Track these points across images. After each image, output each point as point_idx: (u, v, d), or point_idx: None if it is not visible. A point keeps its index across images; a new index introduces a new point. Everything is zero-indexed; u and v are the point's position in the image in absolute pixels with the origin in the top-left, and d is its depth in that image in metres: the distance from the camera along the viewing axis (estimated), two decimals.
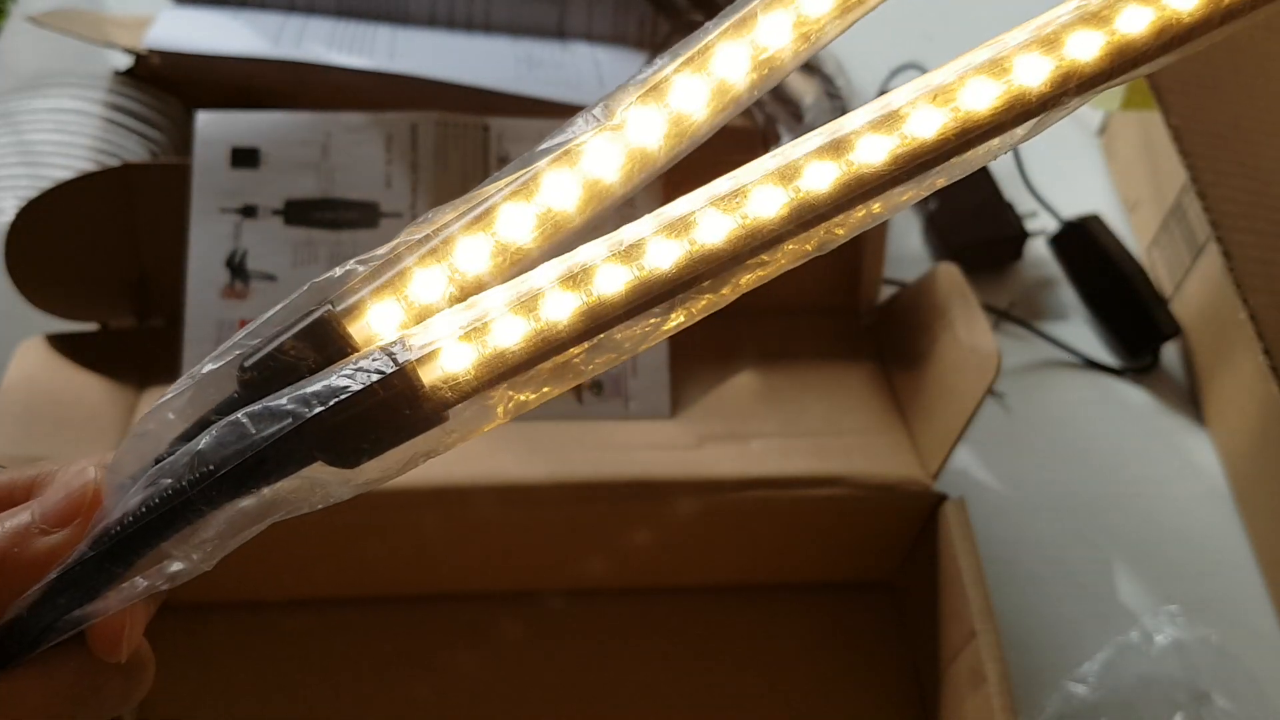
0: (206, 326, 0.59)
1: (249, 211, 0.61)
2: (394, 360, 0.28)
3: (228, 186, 0.61)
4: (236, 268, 0.60)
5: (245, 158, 0.61)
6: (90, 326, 0.63)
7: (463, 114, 0.63)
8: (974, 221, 0.78)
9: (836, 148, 0.29)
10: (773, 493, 0.58)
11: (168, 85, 0.72)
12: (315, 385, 0.28)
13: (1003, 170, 0.81)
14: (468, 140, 0.63)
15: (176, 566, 0.29)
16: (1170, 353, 0.76)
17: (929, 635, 0.59)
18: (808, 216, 0.29)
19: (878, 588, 0.64)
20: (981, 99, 0.28)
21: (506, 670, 0.61)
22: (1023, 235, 0.78)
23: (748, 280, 0.30)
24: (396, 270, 0.30)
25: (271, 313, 0.30)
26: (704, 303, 0.30)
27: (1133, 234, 0.81)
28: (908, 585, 0.63)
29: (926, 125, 0.28)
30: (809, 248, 0.29)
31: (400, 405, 0.28)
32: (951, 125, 0.28)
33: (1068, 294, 0.78)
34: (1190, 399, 0.74)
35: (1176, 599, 0.63)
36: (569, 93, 0.72)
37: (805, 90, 0.77)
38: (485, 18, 0.78)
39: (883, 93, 0.30)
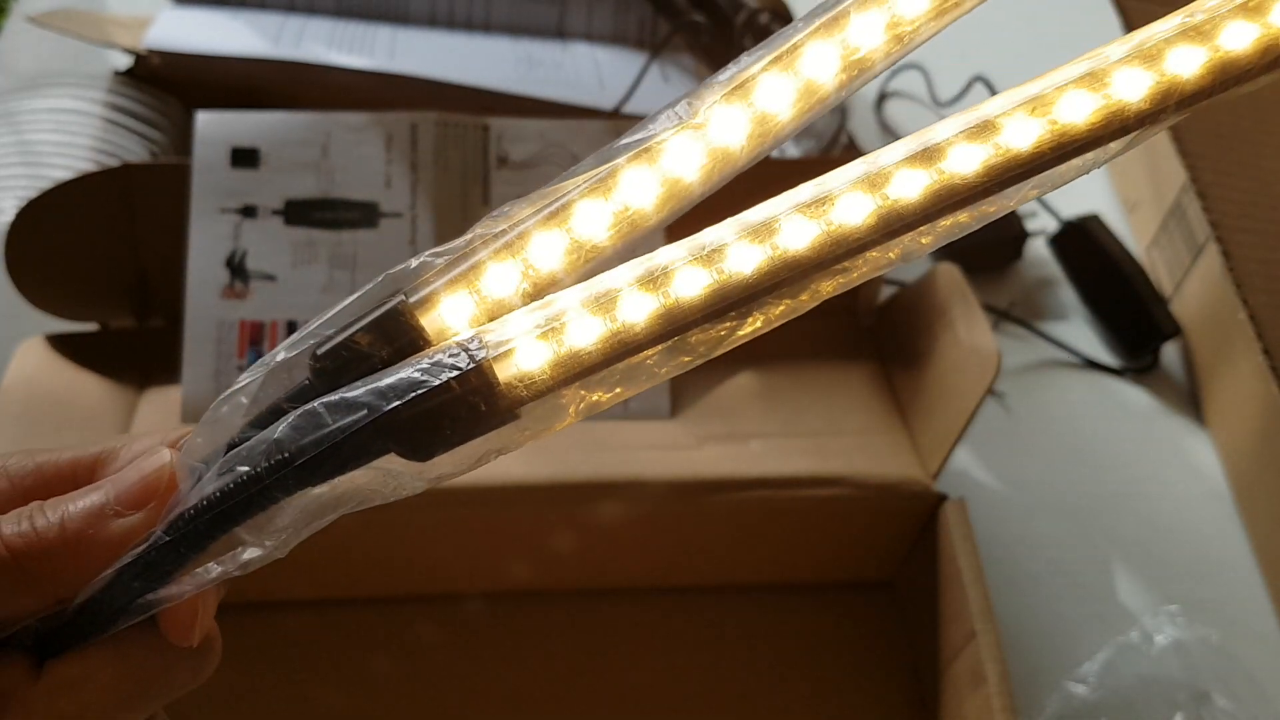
0: (206, 326, 0.59)
1: (249, 211, 0.61)
2: (471, 357, 0.28)
3: (228, 186, 0.61)
4: (236, 268, 0.60)
5: (245, 158, 0.61)
6: (90, 326, 0.63)
7: (463, 114, 0.63)
8: None
9: (928, 156, 0.28)
10: (773, 493, 0.58)
11: (168, 85, 0.72)
12: (391, 378, 0.28)
13: None
14: (468, 140, 0.63)
15: (251, 553, 0.29)
16: (1170, 353, 0.76)
17: (929, 635, 0.59)
18: (895, 225, 0.29)
19: (878, 588, 0.64)
20: (1079, 112, 0.28)
21: (505, 670, 0.61)
22: (1023, 235, 0.78)
23: (828, 287, 0.30)
24: (471, 264, 0.30)
25: (346, 302, 0.30)
26: (781, 308, 0.29)
27: (1133, 234, 0.81)
28: (908, 585, 0.63)
29: (1022, 137, 0.28)
30: (892, 255, 0.29)
31: (475, 402, 0.28)
32: (1047, 138, 0.28)
33: (1068, 294, 0.78)
34: (1190, 399, 0.74)
35: (1176, 599, 0.63)
36: (569, 93, 0.72)
37: None
38: (485, 18, 0.78)
39: (883, 95, 0.30)
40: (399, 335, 0.29)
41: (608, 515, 0.58)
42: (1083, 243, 0.77)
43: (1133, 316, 0.75)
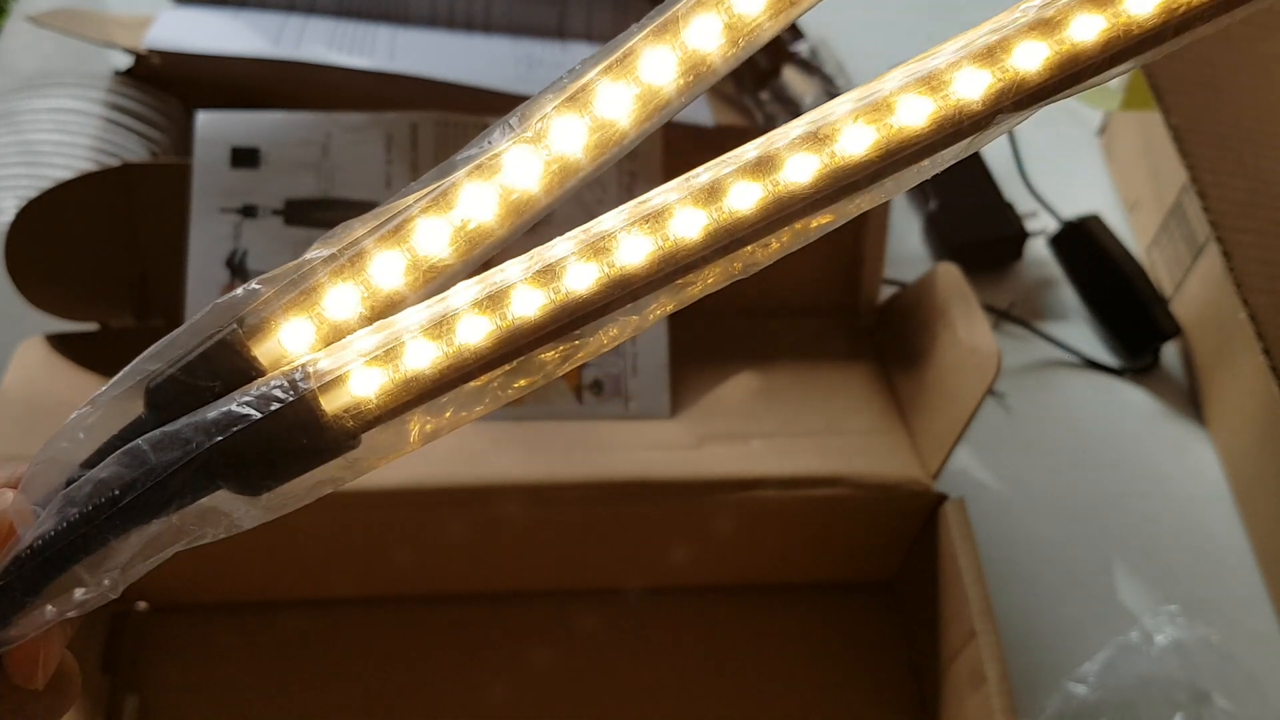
0: None
1: (249, 211, 0.61)
2: (295, 388, 0.28)
3: (228, 186, 0.61)
4: (236, 268, 0.60)
5: (245, 158, 0.61)
6: (90, 326, 0.63)
7: (463, 114, 0.63)
8: (974, 221, 0.78)
9: (764, 166, 0.28)
10: (773, 493, 0.58)
11: (168, 85, 0.72)
12: (215, 412, 0.28)
13: (1003, 170, 0.81)
14: (467, 140, 0.63)
15: (84, 594, 0.29)
16: (1170, 353, 0.76)
17: (929, 635, 0.59)
18: (727, 240, 0.28)
19: (878, 588, 0.64)
20: (918, 115, 0.27)
21: (503, 670, 0.61)
22: (1023, 235, 0.78)
23: (669, 304, 0.29)
24: (307, 286, 0.29)
25: (176, 333, 0.29)
26: (631, 323, 0.29)
27: (1133, 234, 0.81)
28: (908, 585, 0.63)
29: (857, 142, 0.27)
30: (735, 268, 0.29)
31: (300, 434, 0.28)
32: (882, 143, 0.27)
33: (1068, 294, 0.78)
34: (1190, 399, 0.74)
35: (1176, 599, 0.63)
36: None
37: (805, 90, 0.77)
38: (485, 18, 0.78)
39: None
40: (231, 367, 0.29)
41: (607, 515, 0.58)
42: (1083, 243, 0.77)
43: (1133, 316, 0.75)
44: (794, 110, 0.74)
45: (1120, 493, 0.69)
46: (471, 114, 0.63)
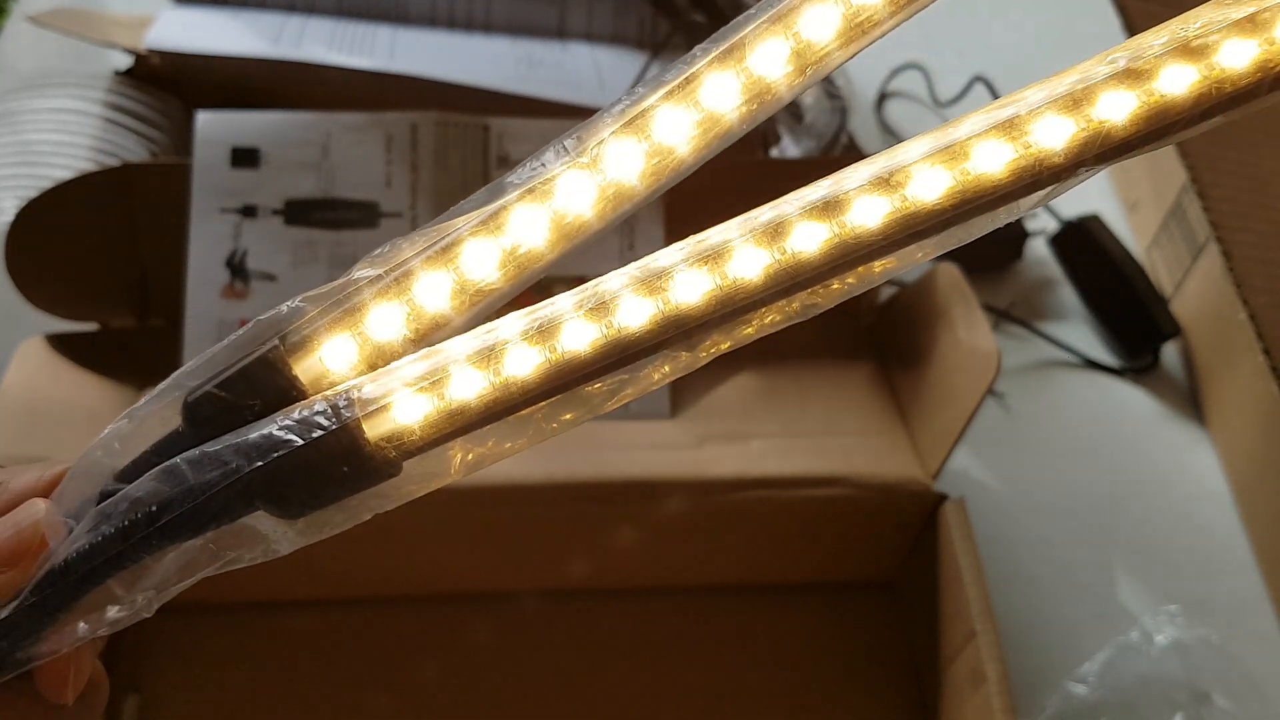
0: (206, 326, 0.59)
1: (249, 211, 0.61)
2: (339, 416, 0.27)
3: (228, 186, 0.61)
4: (236, 268, 0.60)
5: (245, 158, 0.61)
6: (90, 326, 0.63)
7: (463, 114, 0.63)
8: None
9: (830, 208, 0.27)
10: (773, 493, 0.58)
11: (168, 85, 0.72)
12: (256, 434, 0.27)
13: None
14: (468, 140, 0.63)
15: (117, 612, 0.29)
16: (1170, 353, 0.76)
17: (929, 635, 0.59)
18: (792, 282, 0.27)
19: (878, 588, 0.64)
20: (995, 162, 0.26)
21: (503, 670, 0.61)
22: (1023, 235, 0.78)
23: (723, 343, 0.28)
24: (352, 305, 0.28)
25: (218, 347, 0.29)
26: (683, 360, 0.28)
27: (1133, 234, 0.81)
28: (908, 585, 0.63)
29: (930, 189, 0.26)
30: (793, 310, 0.28)
31: (341, 462, 0.27)
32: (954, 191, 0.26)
33: (1068, 294, 0.78)
34: (1190, 399, 0.74)
35: (1176, 599, 0.63)
36: (569, 93, 0.72)
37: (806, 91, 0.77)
38: (485, 18, 0.78)
39: (883, 95, 0.29)
40: (271, 385, 0.28)
41: (607, 515, 0.58)
42: (1083, 243, 0.77)
43: (1133, 316, 0.75)
44: (794, 110, 0.74)
45: (1120, 493, 0.69)
46: (471, 114, 0.63)
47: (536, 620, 0.62)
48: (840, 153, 0.73)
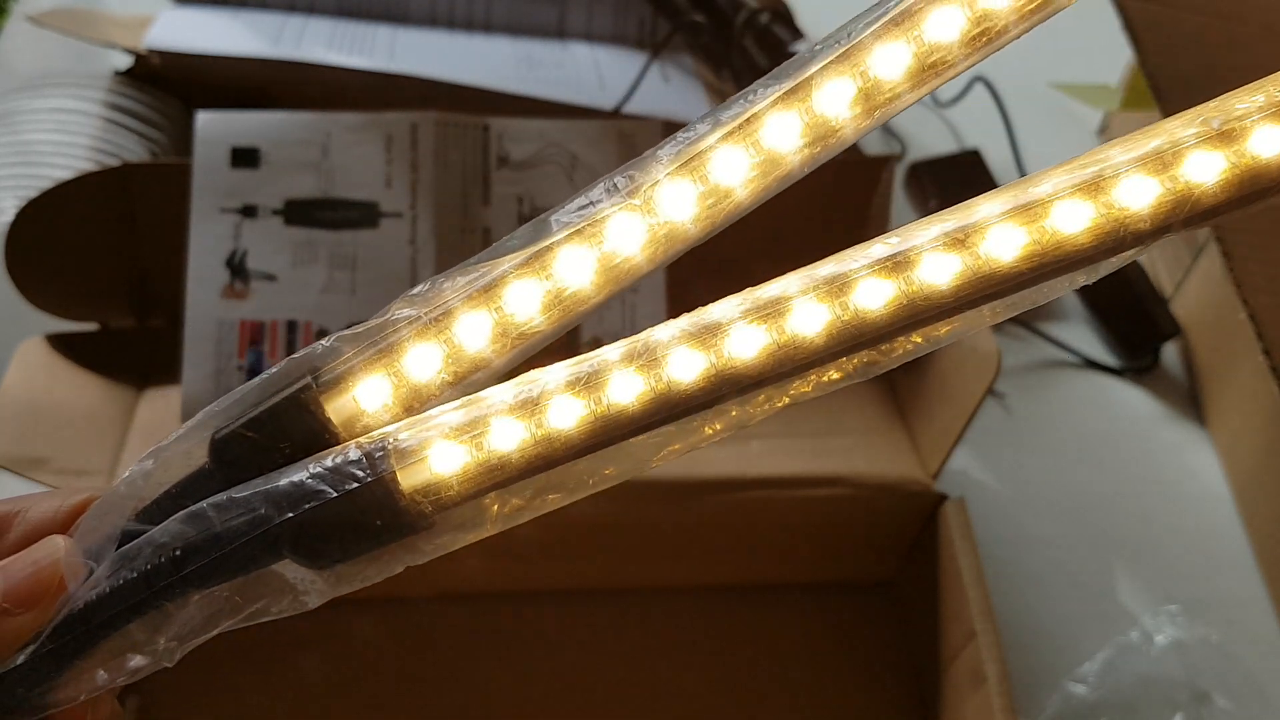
0: (206, 326, 0.59)
1: (249, 211, 0.61)
2: (373, 467, 0.26)
3: (228, 186, 0.61)
4: (236, 268, 0.60)
5: (245, 158, 0.61)
6: (90, 326, 0.63)
7: (463, 114, 0.63)
8: None
9: (896, 266, 0.25)
10: (773, 493, 0.58)
11: (168, 85, 0.72)
12: (286, 482, 0.26)
13: (1002, 169, 0.81)
14: (468, 140, 0.63)
15: (138, 661, 0.28)
16: (1170, 353, 0.76)
17: (929, 635, 0.59)
18: (854, 342, 0.26)
19: (878, 588, 0.64)
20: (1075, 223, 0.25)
21: (503, 670, 0.61)
22: None
23: (779, 400, 0.27)
24: (388, 344, 0.27)
25: (245, 387, 0.28)
26: (733, 416, 0.27)
27: None
28: (908, 585, 0.63)
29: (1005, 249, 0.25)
30: (852, 368, 0.26)
31: (375, 515, 0.26)
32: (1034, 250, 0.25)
33: (1068, 294, 0.78)
34: (1190, 399, 0.74)
35: (1176, 599, 0.63)
36: (569, 93, 0.72)
37: None
38: (485, 18, 0.78)
39: None
40: (302, 427, 0.27)
41: (607, 515, 0.58)
42: None
43: (1133, 316, 0.75)
44: None
45: (1120, 493, 0.69)
46: (471, 114, 0.63)
47: (536, 620, 0.62)
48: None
